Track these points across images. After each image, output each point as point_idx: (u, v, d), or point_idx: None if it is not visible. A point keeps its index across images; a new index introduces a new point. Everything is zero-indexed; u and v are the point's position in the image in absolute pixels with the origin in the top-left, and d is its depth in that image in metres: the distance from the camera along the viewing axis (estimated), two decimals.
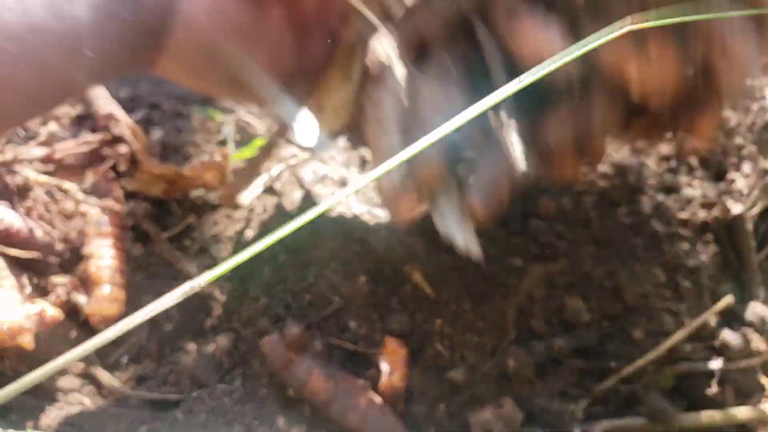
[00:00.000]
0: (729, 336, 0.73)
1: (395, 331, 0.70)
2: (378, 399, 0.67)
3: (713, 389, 0.72)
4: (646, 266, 0.75)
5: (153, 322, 0.78)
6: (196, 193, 0.85)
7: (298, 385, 0.67)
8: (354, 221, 0.80)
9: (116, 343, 0.77)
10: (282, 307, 0.73)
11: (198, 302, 0.78)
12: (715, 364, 0.72)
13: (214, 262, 0.81)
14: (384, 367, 0.67)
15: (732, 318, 0.75)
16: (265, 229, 0.82)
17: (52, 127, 0.78)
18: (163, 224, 0.83)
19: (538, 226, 0.77)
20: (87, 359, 0.74)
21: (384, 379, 0.66)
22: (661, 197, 0.78)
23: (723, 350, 0.73)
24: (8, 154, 0.73)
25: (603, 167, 0.80)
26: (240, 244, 0.81)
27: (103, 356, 0.76)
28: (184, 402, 0.70)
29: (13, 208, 0.72)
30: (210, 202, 0.86)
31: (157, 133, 0.92)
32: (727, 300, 0.73)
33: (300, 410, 0.68)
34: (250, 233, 0.83)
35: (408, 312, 0.72)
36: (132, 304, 0.77)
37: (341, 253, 0.74)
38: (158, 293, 0.75)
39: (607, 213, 0.78)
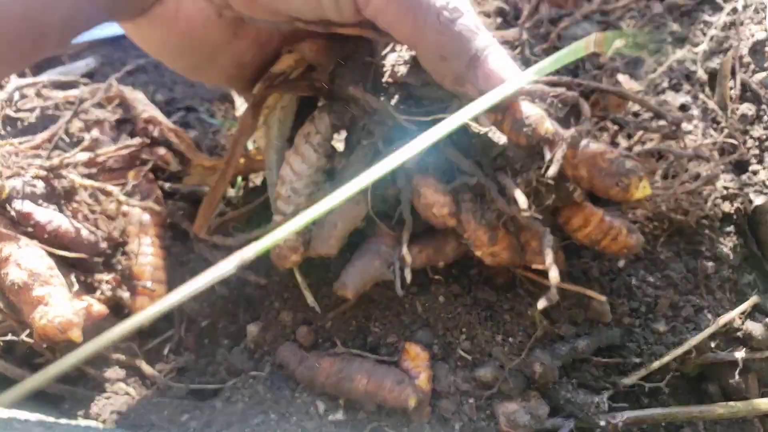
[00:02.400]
0: (752, 326, 0.74)
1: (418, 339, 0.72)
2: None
3: (737, 379, 0.72)
4: (668, 258, 0.76)
5: (190, 318, 0.82)
6: (231, 192, 0.89)
7: (311, 374, 0.70)
8: None
9: (157, 336, 0.82)
10: (303, 305, 0.76)
11: (228, 299, 0.82)
12: (739, 354, 0.73)
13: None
14: (409, 372, 0.69)
15: (755, 309, 0.76)
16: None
17: (95, 133, 0.82)
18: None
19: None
20: (131, 352, 0.79)
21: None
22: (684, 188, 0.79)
23: (746, 340, 0.74)
24: (55, 160, 0.77)
25: None
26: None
27: (146, 349, 0.80)
28: (222, 391, 0.74)
29: (61, 210, 0.77)
30: (245, 198, 0.90)
31: (192, 135, 0.96)
32: (753, 300, 0.74)
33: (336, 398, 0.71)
34: None
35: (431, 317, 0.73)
36: None
37: None
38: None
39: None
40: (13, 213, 0.73)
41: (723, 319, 0.73)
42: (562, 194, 0.64)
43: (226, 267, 0.36)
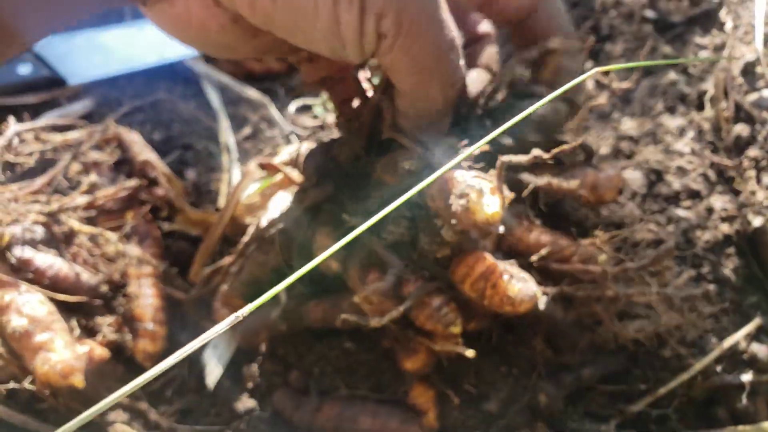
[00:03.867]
0: (758, 348, 0.73)
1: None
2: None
3: (745, 402, 0.72)
4: (671, 282, 0.75)
5: (191, 359, 0.82)
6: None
7: (309, 419, 0.70)
8: None
9: (160, 377, 0.81)
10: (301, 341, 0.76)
11: None
12: (746, 377, 0.72)
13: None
14: (416, 409, 0.68)
15: (760, 331, 0.75)
16: None
17: (93, 177, 0.83)
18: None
19: None
20: (134, 395, 0.78)
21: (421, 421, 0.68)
22: (682, 212, 0.79)
23: (752, 363, 0.73)
24: (54, 205, 0.77)
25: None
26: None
27: (150, 391, 0.80)
28: None
29: (60, 255, 0.77)
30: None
31: (190, 174, 0.96)
32: (758, 322, 0.74)
33: None
34: None
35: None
36: (173, 339, 0.81)
37: None
38: (197, 328, 0.79)
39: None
40: (13, 260, 0.73)
41: (728, 342, 0.73)
42: (432, 232, 0.59)
43: (220, 327, 0.37)
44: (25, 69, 1.05)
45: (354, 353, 0.71)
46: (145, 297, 0.79)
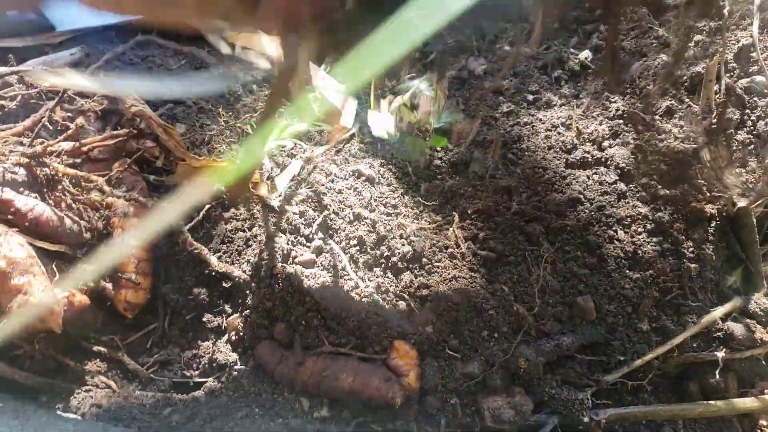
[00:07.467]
0: (733, 327, 0.75)
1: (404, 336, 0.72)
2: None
3: (717, 378, 0.73)
4: (652, 258, 0.76)
5: (174, 311, 0.81)
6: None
7: (292, 374, 0.69)
8: None
9: (140, 328, 0.80)
10: (280, 301, 0.75)
11: (211, 296, 0.81)
12: (720, 353, 0.74)
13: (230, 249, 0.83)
14: (398, 370, 0.69)
15: (737, 309, 0.76)
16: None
17: (81, 120, 0.81)
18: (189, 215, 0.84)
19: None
20: (113, 345, 0.77)
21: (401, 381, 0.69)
22: (667, 191, 0.79)
23: (727, 340, 0.75)
24: (38, 147, 0.75)
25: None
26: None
27: (129, 342, 0.79)
28: (206, 384, 0.73)
29: (43, 199, 0.75)
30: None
31: (181, 128, 0.95)
32: (735, 301, 0.75)
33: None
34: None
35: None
36: (156, 291, 0.80)
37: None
38: (183, 281, 0.78)
39: (614, 204, 0.80)
40: None
41: (705, 320, 0.74)
42: None
43: None
44: (11, 11, 1.02)
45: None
46: (129, 247, 0.78)
